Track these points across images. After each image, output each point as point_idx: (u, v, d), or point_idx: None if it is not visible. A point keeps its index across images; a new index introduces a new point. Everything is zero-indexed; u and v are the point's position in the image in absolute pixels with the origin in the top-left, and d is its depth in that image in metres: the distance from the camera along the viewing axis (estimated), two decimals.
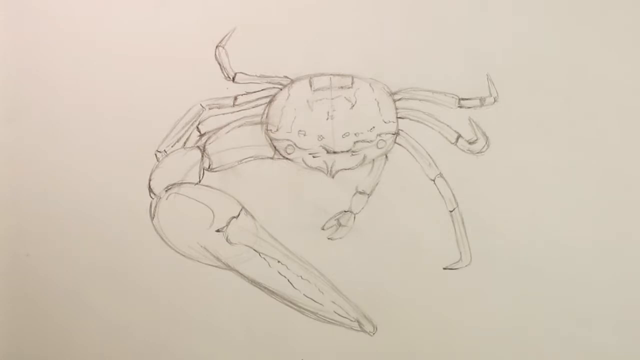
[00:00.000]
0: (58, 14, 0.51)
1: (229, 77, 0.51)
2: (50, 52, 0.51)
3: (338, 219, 0.50)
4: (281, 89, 0.51)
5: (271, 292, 0.49)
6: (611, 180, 0.50)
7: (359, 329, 0.48)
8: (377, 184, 0.50)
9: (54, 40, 0.51)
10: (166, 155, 0.50)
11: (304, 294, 0.48)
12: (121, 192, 0.49)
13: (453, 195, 0.50)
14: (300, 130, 0.50)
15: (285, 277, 0.48)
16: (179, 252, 0.49)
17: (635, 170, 0.50)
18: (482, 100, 0.50)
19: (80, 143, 0.50)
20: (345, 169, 0.50)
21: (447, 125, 0.50)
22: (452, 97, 0.50)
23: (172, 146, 0.50)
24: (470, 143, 0.50)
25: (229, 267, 0.49)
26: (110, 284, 0.49)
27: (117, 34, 0.51)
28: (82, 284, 0.48)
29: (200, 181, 0.50)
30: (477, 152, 0.50)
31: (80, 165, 0.50)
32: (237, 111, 0.51)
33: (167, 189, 0.49)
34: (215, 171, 0.50)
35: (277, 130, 0.50)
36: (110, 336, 0.49)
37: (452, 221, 0.50)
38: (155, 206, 0.49)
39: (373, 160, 0.50)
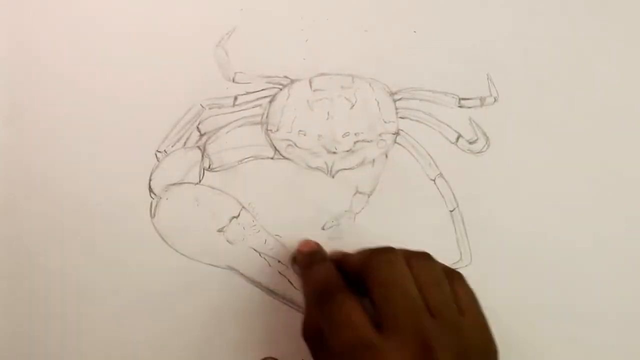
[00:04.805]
0: (57, 14, 0.51)
1: (229, 77, 0.51)
2: (50, 52, 0.51)
3: (338, 219, 0.50)
4: (281, 89, 0.51)
5: (271, 292, 0.49)
6: (612, 180, 0.50)
7: None
8: (377, 184, 0.50)
9: (54, 39, 0.51)
10: (166, 155, 0.50)
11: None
12: (121, 192, 0.49)
13: (453, 195, 0.50)
14: (300, 130, 0.50)
15: (285, 276, 0.48)
16: (179, 252, 0.49)
17: (636, 170, 0.50)
18: (482, 100, 0.50)
19: (80, 143, 0.50)
20: (345, 169, 0.50)
21: (447, 125, 0.50)
22: (452, 97, 0.51)
23: (172, 146, 0.50)
24: (470, 143, 0.50)
25: (229, 267, 0.49)
26: (110, 284, 0.49)
27: (117, 33, 0.51)
28: (82, 283, 0.48)
29: (200, 181, 0.50)
30: (477, 152, 0.50)
31: (80, 165, 0.49)
32: (237, 111, 0.51)
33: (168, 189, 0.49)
34: (216, 171, 0.50)
35: (277, 130, 0.50)
36: (111, 335, 0.49)
37: (452, 221, 0.50)
38: (156, 206, 0.49)
39: (373, 160, 0.50)
